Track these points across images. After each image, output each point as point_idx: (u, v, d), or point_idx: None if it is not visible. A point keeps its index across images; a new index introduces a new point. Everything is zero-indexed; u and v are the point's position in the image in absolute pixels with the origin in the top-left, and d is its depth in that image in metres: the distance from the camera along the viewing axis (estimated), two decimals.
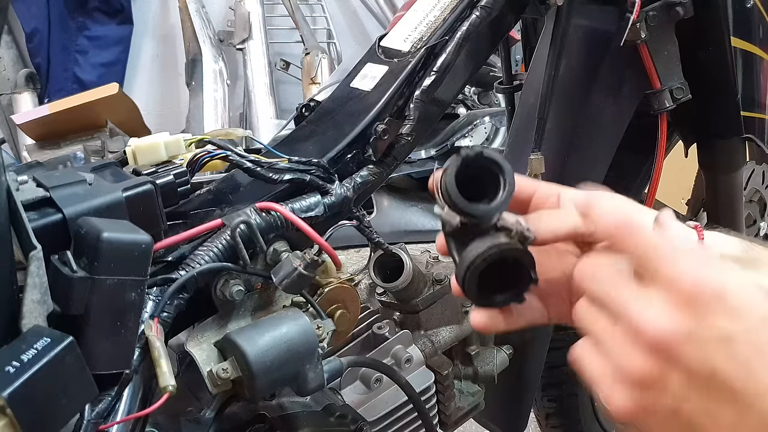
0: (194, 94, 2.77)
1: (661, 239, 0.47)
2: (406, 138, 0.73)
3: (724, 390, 0.42)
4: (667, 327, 0.44)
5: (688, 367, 0.43)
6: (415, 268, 0.82)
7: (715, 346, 0.43)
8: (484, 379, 0.96)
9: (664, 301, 0.45)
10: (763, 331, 0.42)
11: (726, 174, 1.16)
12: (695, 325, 0.43)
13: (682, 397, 0.44)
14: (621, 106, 0.98)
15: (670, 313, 0.44)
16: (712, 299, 0.43)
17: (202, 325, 0.65)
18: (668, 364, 0.44)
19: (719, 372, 0.42)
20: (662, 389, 0.44)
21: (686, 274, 0.44)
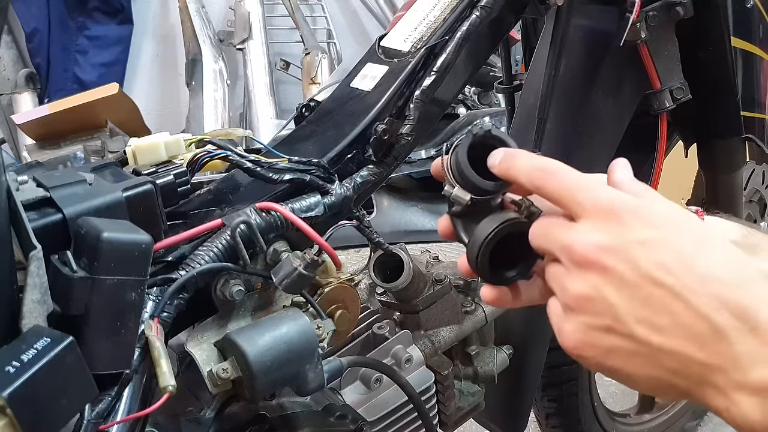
0: (194, 94, 2.77)
1: (577, 177, 0.50)
2: (406, 138, 0.73)
3: (654, 290, 0.45)
4: (590, 242, 0.47)
5: (618, 274, 0.46)
6: (415, 268, 0.82)
7: (637, 250, 0.45)
8: (484, 379, 0.96)
9: (587, 224, 0.48)
10: (677, 237, 0.46)
11: (726, 174, 1.16)
12: (616, 236, 0.46)
13: (619, 308, 0.46)
14: (621, 106, 0.98)
15: (593, 231, 0.47)
16: (629, 213, 0.47)
17: (202, 325, 0.65)
18: (599, 276, 0.47)
19: (645, 273, 0.45)
20: (600, 304, 0.47)
21: (603, 197, 0.48)
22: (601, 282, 0.46)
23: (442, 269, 0.92)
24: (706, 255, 0.45)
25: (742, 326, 0.42)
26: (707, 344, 0.43)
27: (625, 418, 1.55)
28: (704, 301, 0.43)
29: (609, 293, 0.46)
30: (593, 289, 0.47)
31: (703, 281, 0.44)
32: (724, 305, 0.43)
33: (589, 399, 1.40)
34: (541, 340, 1.09)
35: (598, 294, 0.46)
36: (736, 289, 0.43)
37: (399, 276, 0.81)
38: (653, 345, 0.45)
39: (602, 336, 0.47)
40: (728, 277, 0.44)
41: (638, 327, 0.45)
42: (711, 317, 0.43)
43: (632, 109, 0.98)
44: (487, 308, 0.94)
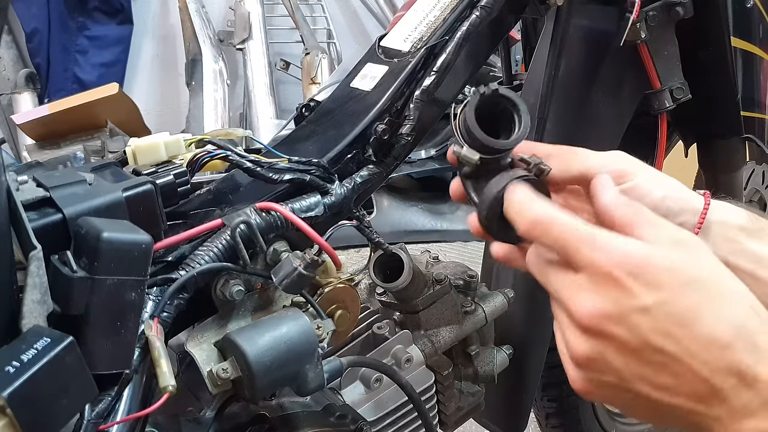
0: (194, 94, 2.77)
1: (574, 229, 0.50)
2: (406, 138, 0.73)
3: (655, 356, 0.47)
4: (594, 309, 0.48)
5: (620, 341, 0.47)
6: (415, 268, 0.82)
7: (638, 318, 0.46)
8: (484, 379, 0.96)
9: (589, 285, 0.48)
10: (678, 300, 0.46)
11: (726, 174, 1.16)
12: (617, 303, 0.47)
13: (622, 370, 0.48)
14: (621, 106, 0.98)
15: (595, 295, 0.48)
16: (629, 277, 0.47)
17: (202, 325, 0.65)
18: (603, 343, 0.48)
19: (646, 340, 0.46)
20: (604, 366, 0.48)
21: (602, 259, 0.48)
22: (604, 348, 0.48)
23: (442, 269, 0.92)
24: (707, 315, 0.46)
25: (740, 384, 0.45)
26: (706, 400, 0.46)
27: (624, 418, 1.55)
28: (704, 365, 0.45)
29: (612, 358, 0.48)
30: (597, 353, 0.48)
31: (701, 344, 0.45)
32: (723, 368, 0.45)
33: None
34: (541, 340, 1.09)
35: (602, 357, 0.48)
36: (734, 349, 0.45)
37: (399, 276, 0.81)
38: (655, 400, 0.47)
39: (607, 388, 0.50)
40: (727, 337, 0.45)
41: (641, 385, 0.48)
42: (710, 379, 0.45)
43: (632, 109, 0.98)
44: (487, 308, 0.94)
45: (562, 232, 0.50)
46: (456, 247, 2.04)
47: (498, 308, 0.95)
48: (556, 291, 0.51)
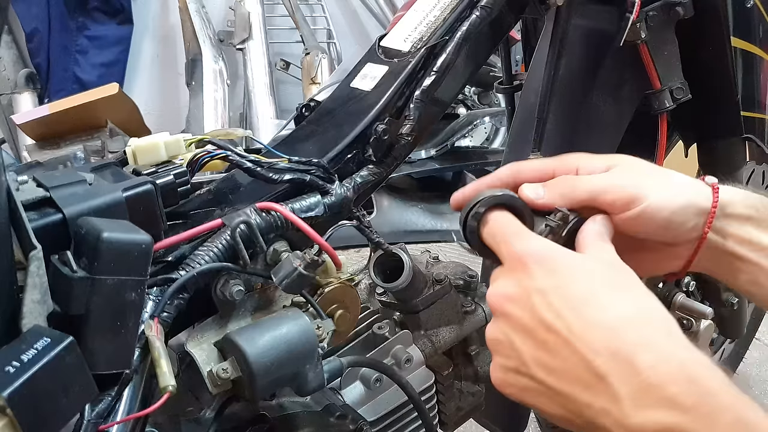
0: (194, 94, 2.77)
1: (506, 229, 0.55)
2: (406, 138, 0.73)
3: (547, 335, 0.49)
4: (500, 290, 0.52)
5: (518, 320, 0.50)
6: (415, 268, 0.82)
7: (535, 298, 0.50)
8: (484, 379, 0.96)
9: (502, 275, 0.53)
10: (572, 285, 0.49)
11: (726, 174, 1.15)
12: (519, 285, 0.51)
13: (522, 351, 0.50)
14: (621, 106, 0.98)
15: (503, 281, 0.53)
16: (534, 264, 0.51)
17: (202, 325, 0.65)
18: (506, 323, 0.51)
19: (540, 318, 0.49)
20: (508, 348, 0.51)
21: (518, 249, 0.53)
22: (507, 327, 0.51)
23: (442, 269, 0.92)
24: (597, 300, 0.48)
25: (622, 369, 0.45)
26: (591, 387, 0.46)
27: None
28: (587, 346, 0.46)
29: (514, 338, 0.51)
30: (501, 333, 0.52)
31: (588, 326, 0.47)
32: (605, 349, 0.45)
33: None
34: None
35: (506, 338, 0.51)
36: (617, 333, 0.46)
37: (399, 276, 0.81)
38: (550, 386, 0.48)
39: (514, 376, 0.51)
40: (612, 323, 0.46)
41: (537, 369, 0.49)
42: (593, 361, 0.46)
43: (632, 109, 0.98)
44: (487, 308, 0.94)
45: (498, 227, 0.56)
46: (456, 247, 2.05)
47: None
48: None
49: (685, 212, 0.59)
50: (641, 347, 0.45)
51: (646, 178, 0.59)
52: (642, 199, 0.57)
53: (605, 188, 0.58)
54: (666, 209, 0.58)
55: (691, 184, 0.60)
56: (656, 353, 0.44)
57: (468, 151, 2.31)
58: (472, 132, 2.36)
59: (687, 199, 0.59)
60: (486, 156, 2.25)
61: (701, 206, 0.59)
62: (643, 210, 0.58)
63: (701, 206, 0.59)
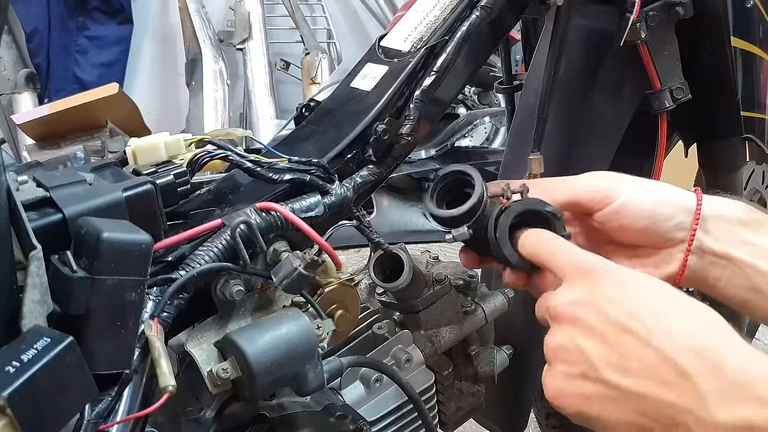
0: (194, 94, 2.77)
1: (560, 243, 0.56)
2: (406, 138, 0.73)
3: (621, 336, 0.48)
4: (567, 298, 0.52)
5: (588, 325, 0.49)
6: (415, 268, 0.82)
7: (606, 303, 0.49)
8: (484, 379, 0.96)
9: (567, 285, 0.53)
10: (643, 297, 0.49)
11: (726, 174, 1.15)
12: (586, 291, 0.50)
13: (591, 356, 0.49)
14: (621, 106, 0.98)
15: (568, 290, 0.52)
16: (602, 273, 0.51)
17: (202, 325, 0.65)
18: (573, 328, 0.50)
19: (614, 320, 0.48)
20: (574, 353, 0.50)
21: (581, 259, 0.53)
22: (573, 332, 0.50)
23: (442, 269, 0.92)
24: (672, 310, 0.48)
25: (707, 368, 0.44)
26: (674, 386, 0.45)
27: None
28: (669, 346, 0.46)
29: (581, 342, 0.50)
30: (567, 339, 0.51)
31: (668, 329, 0.46)
32: (689, 349, 0.45)
33: None
34: (541, 340, 1.08)
35: (572, 343, 0.50)
36: (700, 336, 0.46)
37: (399, 276, 0.81)
38: (624, 388, 0.47)
39: (578, 383, 0.50)
40: (692, 328, 0.46)
41: (609, 371, 0.48)
42: (677, 360, 0.45)
43: (632, 109, 0.98)
44: (487, 308, 0.94)
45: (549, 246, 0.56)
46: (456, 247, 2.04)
47: (498, 308, 0.95)
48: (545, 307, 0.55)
49: (669, 207, 0.61)
50: (727, 348, 0.45)
51: (623, 178, 0.63)
52: (618, 193, 0.61)
53: (583, 186, 0.62)
54: (646, 201, 0.60)
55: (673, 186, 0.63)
56: (742, 354, 0.44)
57: (468, 151, 2.31)
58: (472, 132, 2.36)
59: (669, 194, 0.61)
60: (486, 156, 2.25)
61: (685, 204, 0.61)
62: (622, 204, 0.61)
63: (685, 204, 0.61)
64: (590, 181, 0.62)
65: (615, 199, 0.61)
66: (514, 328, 1.05)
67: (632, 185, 0.62)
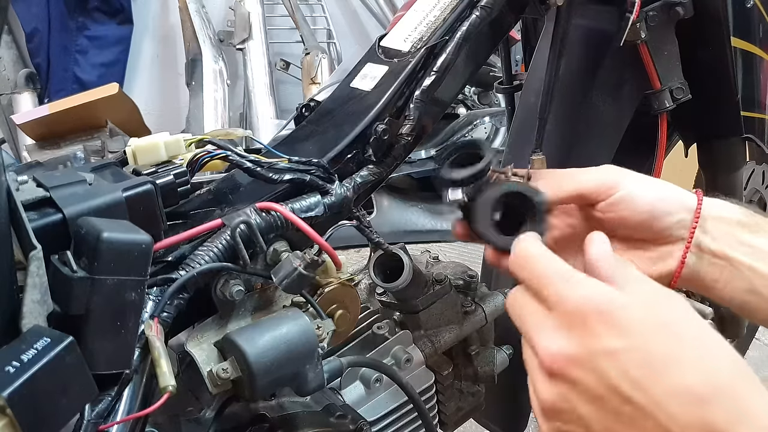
0: (194, 94, 2.77)
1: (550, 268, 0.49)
2: (406, 138, 0.73)
3: (623, 406, 0.43)
4: (558, 351, 0.46)
5: (585, 387, 0.45)
6: (415, 268, 0.82)
7: (604, 362, 0.44)
8: (484, 379, 0.96)
9: (556, 325, 0.46)
10: (649, 346, 0.43)
11: (726, 174, 1.15)
12: (583, 346, 0.45)
13: (589, 420, 0.45)
14: (621, 106, 0.98)
15: (561, 336, 0.46)
16: (596, 319, 0.45)
17: (202, 325, 0.65)
18: (568, 388, 0.45)
19: (613, 387, 0.44)
20: (571, 414, 0.46)
21: (571, 298, 0.46)
22: (569, 393, 0.46)
23: (442, 269, 0.92)
24: (678, 368, 0.43)
25: None
26: None
27: None
28: (675, 421, 0.42)
29: (578, 405, 0.45)
30: (563, 400, 0.46)
31: (672, 398, 0.42)
32: (697, 425, 0.42)
33: None
34: None
35: (568, 405, 0.46)
36: (706, 407, 0.42)
37: (399, 276, 0.81)
38: None
39: None
40: (699, 394, 0.42)
41: None
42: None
43: (632, 109, 0.98)
44: (487, 308, 0.94)
45: (541, 267, 0.50)
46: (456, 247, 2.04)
47: (498, 308, 0.95)
48: (526, 333, 0.49)
49: (670, 203, 0.61)
50: (735, 423, 0.41)
51: (629, 173, 0.63)
52: (622, 184, 0.61)
53: (590, 177, 0.62)
54: (648, 195, 0.61)
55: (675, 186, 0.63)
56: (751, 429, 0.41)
57: None
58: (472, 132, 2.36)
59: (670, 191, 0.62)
60: None
61: (686, 202, 0.61)
62: (624, 196, 0.61)
63: (686, 202, 0.61)
64: (597, 173, 0.63)
65: (618, 191, 0.61)
66: (514, 328, 1.05)
67: (637, 179, 0.62)
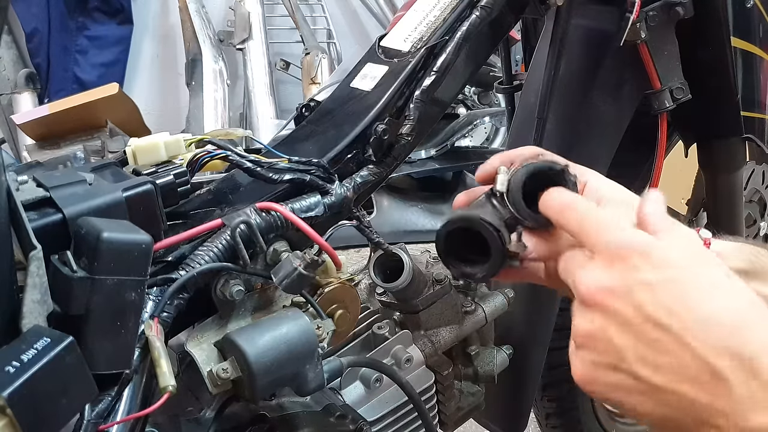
0: (194, 94, 2.77)
1: (597, 216, 0.51)
2: (406, 138, 0.73)
3: (656, 332, 0.46)
4: (599, 283, 0.48)
5: (622, 317, 0.47)
6: (415, 268, 0.82)
7: (641, 293, 0.46)
8: (484, 379, 0.96)
9: (598, 265, 0.49)
10: (682, 280, 0.46)
11: (726, 174, 1.16)
12: (621, 278, 0.47)
13: (623, 348, 0.47)
14: (621, 106, 0.98)
15: (602, 271, 0.49)
16: (637, 255, 0.47)
17: (202, 325, 0.65)
18: (605, 318, 0.48)
19: (648, 315, 0.46)
20: (605, 343, 0.48)
21: (616, 240, 0.49)
22: (605, 322, 0.48)
23: (442, 269, 0.92)
24: (711, 298, 0.45)
25: (742, 370, 0.43)
26: (708, 387, 0.44)
27: (624, 418, 1.55)
28: (705, 345, 0.44)
29: (613, 333, 0.47)
30: (598, 329, 0.48)
31: (705, 325, 0.44)
32: (724, 349, 0.43)
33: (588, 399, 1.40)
34: (541, 340, 1.09)
35: (603, 334, 0.48)
36: (737, 334, 0.44)
37: (399, 276, 0.81)
38: (656, 385, 0.46)
39: (607, 373, 0.48)
40: (730, 322, 0.44)
41: (641, 367, 0.46)
42: (711, 361, 0.44)
43: (632, 109, 0.98)
44: (487, 308, 0.94)
45: (584, 215, 0.52)
46: None
47: (498, 308, 0.95)
48: (573, 279, 0.51)
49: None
50: (765, 349, 0.43)
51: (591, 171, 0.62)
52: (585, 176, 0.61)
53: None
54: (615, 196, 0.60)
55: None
56: None
57: (468, 151, 2.31)
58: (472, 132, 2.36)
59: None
60: (486, 156, 2.24)
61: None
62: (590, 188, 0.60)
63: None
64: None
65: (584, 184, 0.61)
66: (514, 328, 1.05)
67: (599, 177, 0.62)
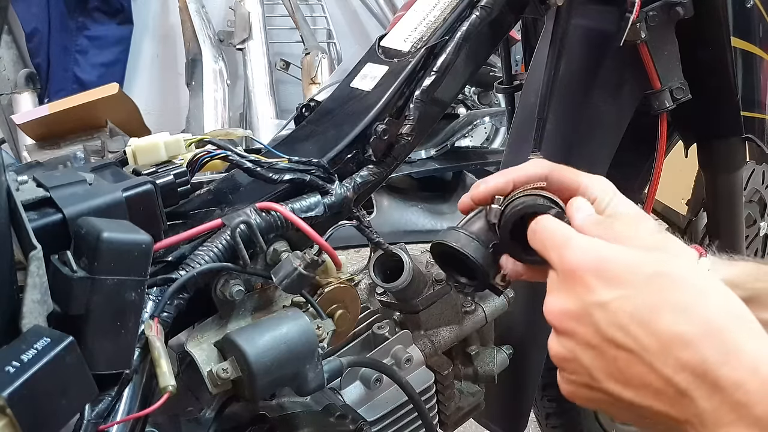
0: (194, 94, 2.77)
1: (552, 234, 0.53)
2: (406, 138, 0.73)
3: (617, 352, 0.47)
4: (558, 308, 0.50)
5: (583, 339, 0.48)
6: (415, 268, 0.82)
7: (597, 313, 0.47)
8: (484, 379, 0.96)
9: (559, 286, 0.51)
10: (637, 296, 0.46)
11: (726, 174, 1.16)
12: (578, 301, 0.48)
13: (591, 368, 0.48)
14: (621, 106, 0.98)
15: (561, 295, 0.50)
16: (592, 275, 0.48)
17: (202, 325, 0.65)
18: (571, 341, 0.49)
19: (606, 335, 0.47)
20: (576, 365, 0.49)
21: (568, 259, 0.50)
22: (572, 345, 0.49)
23: None
24: (667, 310, 0.45)
25: (704, 385, 0.43)
26: (674, 403, 0.45)
27: None
28: (665, 363, 0.44)
29: (580, 355, 0.49)
30: (568, 351, 0.50)
31: (662, 343, 0.45)
32: (683, 366, 0.44)
33: None
34: (541, 340, 1.08)
35: (572, 355, 0.50)
36: (693, 347, 0.44)
37: (399, 276, 0.81)
38: (626, 400, 0.47)
39: (584, 390, 0.50)
40: (685, 336, 0.44)
41: (612, 384, 0.47)
42: (673, 379, 0.44)
43: (632, 109, 0.98)
44: (487, 308, 0.94)
45: (547, 236, 0.54)
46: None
47: (498, 308, 0.95)
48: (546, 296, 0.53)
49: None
50: (723, 363, 0.43)
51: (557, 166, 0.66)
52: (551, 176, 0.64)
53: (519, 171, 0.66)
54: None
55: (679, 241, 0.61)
56: (739, 369, 0.42)
57: (468, 151, 2.31)
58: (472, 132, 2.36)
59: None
60: (486, 156, 2.25)
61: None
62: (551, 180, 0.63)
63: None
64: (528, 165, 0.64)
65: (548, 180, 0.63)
66: (514, 328, 1.05)
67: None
